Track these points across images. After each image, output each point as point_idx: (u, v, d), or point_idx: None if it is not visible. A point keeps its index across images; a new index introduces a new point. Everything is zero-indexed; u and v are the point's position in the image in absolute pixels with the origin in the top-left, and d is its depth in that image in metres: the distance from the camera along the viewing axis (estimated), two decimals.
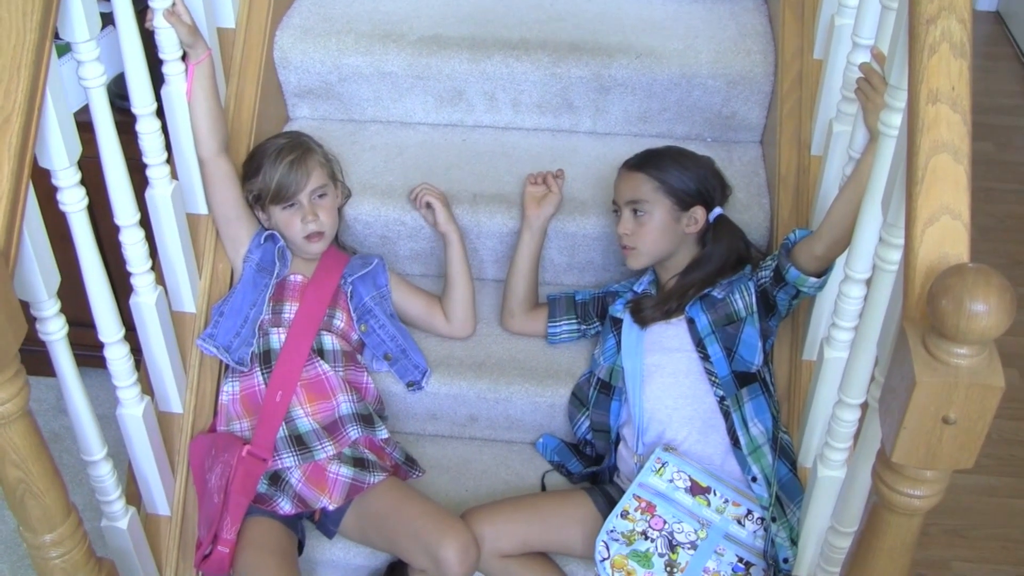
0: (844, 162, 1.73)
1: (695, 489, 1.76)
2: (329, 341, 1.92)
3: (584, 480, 2.00)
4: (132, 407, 1.74)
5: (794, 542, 1.74)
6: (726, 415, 1.79)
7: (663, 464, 1.77)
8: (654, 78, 2.11)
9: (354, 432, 1.85)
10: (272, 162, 1.90)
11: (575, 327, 2.03)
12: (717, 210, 1.92)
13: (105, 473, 1.66)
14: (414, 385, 1.98)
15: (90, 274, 1.58)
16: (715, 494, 1.75)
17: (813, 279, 1.73)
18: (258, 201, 1.93)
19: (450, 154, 2.19)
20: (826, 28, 1.93)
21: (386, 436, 1.90)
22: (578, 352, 2.04)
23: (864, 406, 1.55)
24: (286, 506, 1.80)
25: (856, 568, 1.33)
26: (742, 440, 1.78)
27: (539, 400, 1.99)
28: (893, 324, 1.30)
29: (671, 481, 1.76)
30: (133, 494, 1.90)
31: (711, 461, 1.79)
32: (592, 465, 1.99)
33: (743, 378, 1.82)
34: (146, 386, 1.92)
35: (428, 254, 2.14)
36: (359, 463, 1.85)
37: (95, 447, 1.63)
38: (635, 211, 1.89)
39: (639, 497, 1.76)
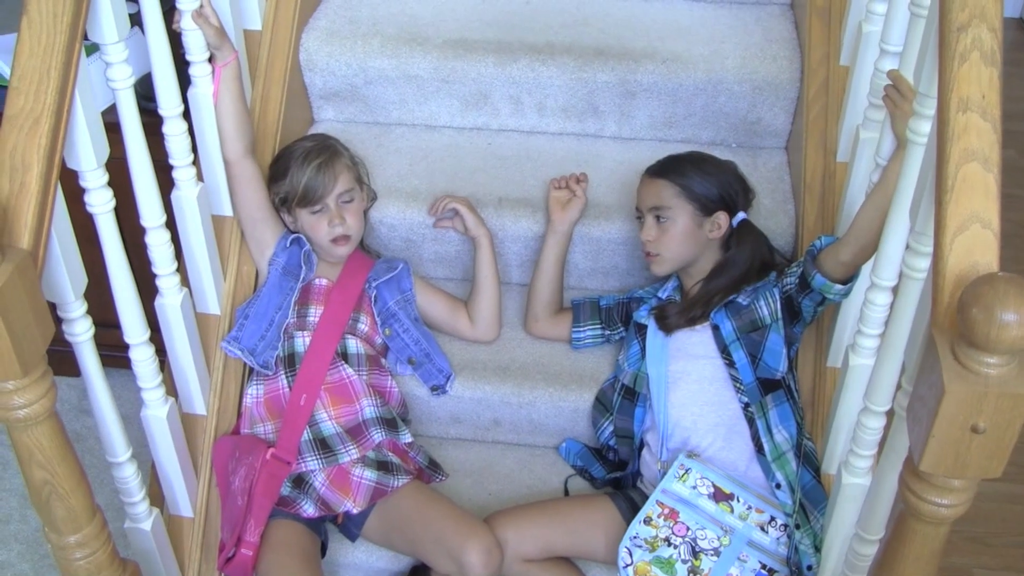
0: (871, 169, 1.72)
1: (718, 495, 1.75)
2: (353, 345, 1.92)
3: (607, 485, 1.99)
4: (157, 408, 1.75)
5: (817, 549, 1.73)
6: (750, 422, 1.79)
7: (686, 470, 1.76)
8: (680, 83, 2.11)
9: (378, 435, 1.85)
10: (299, 165, 1.90)
11: (599, 332, 2.03)
12: (740, 215, 1.91)
13: (130, 475, 1.67)
14: (438, 389, 1.98)
15: (116, 276, 1.58)
16: (738, 500, 1.75)
17: (839, 286, 1.72)
18: (284, 204, 1.93)
19: (475, 158, 2.19)
20: (853, 35, 1.92)
21: (410, 440, 1.90)
22: (602, 357, 2.03)
23: (890, 413, 1.55)
24: (309, 509, 1.80)
25: (883, 575, 1.32)
26: (766, 447, 1.77)
27: (563, 405, 1.98)
28: (920, 332, 1.30)
29: (694, 487, 1.75)
30: (156, 495, 1.91)
31: (735, 467, 1.78)
32: (615, 470, 1.99)
33: (768, 385, 1.81)
34: (170, 387, 1.93)
35: (453, 258, 2.14)
36: (383, 466, 1.85)
37: (120, 448, 1.64)
38: (658, 217, 1.89)
39: (662, 503, 1.75)
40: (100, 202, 1.50)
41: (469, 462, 2.06)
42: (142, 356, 1.68)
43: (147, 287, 1.76)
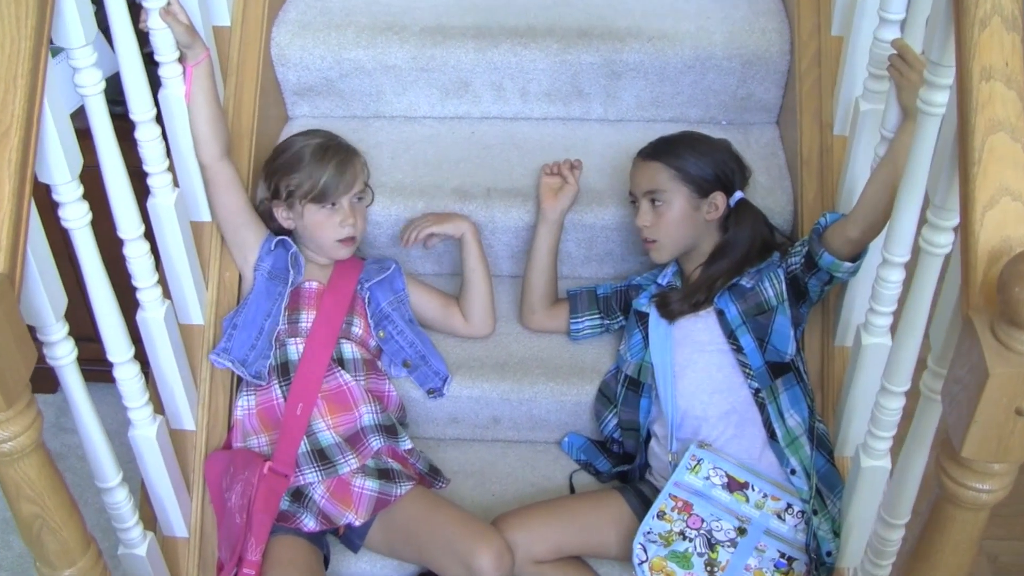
0: (874, 142, 1.67)
1: (732, 485, 1.70)
2: (349, 350, 1.84)
3: (613, 479, 1.94)
4: (145, 428, 1.67)
5: (836, 534, 1.69)
6: (761, 407, 1.73)
7: (698, 461, 1.71)
8: (667, 62, 2.04)
9: (376, 442, 1.78)
10: (318, 160, 1.83)
11: (598, 322, 1.97)
12: (738, 194, 1.86)
13: (121, 499, 1.59)
14: (435, 392, 1.91)
15: (97, 293, 1.50)
16: (753, 489, 1.70)
17: (847, 264, 1.67)
18: (288, 198, 1.85)
19: (459, 148, 2.11)
20: (845, 3, 1.86)
21: (409, 447, 1.84)
22: (602, 347, 1.97)
23: (909, 393, 1.50)
24: (310, 523, 1.73)
25: (919, 562, 1.27)
26: (778, 432, 1.72)
27: (564, 399, 1.93)
28: (944, 310, 1.25)
29: (707, 478, 1.70)
30: (147, 515, 1.83)
31: (748, 455, 1.73)
32: (620, 462, 1.93)
33: (777, 368, 1.76)
34: (156, 403, 1.85)
35: (441, 253, 2.07)
36: (384, 474, 1.79)
37: (110, 473, 1.56)
38: (653, 201, 1.83)
39: (675, 496, 1.70)
40: (76, 216, 1.41)
41: (470, 463, 1.99)
42: (127, 375, 1.60)
43: (128, 297, 1.67)
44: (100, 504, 2.19)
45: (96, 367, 1.64)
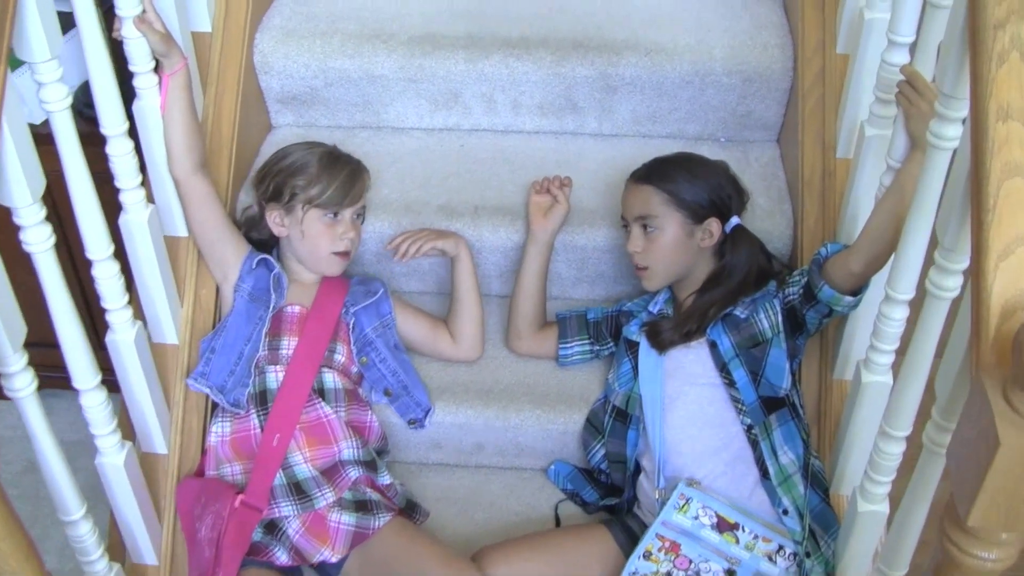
0: (879, 170, 1.60)
1: (722, 525, 1.63)
2: (331, 379, 1.77)
3: (600, 511, 1.87)
4: (112, 456, 1.60)
5: None
6: (754, 444, 1.66)
7: (687, 500, 1.64)
8: (664, 76, 1.97)
9: (354, 473, 1.71)
10: (328, 167, 1.77)
11: (588, 348, 1.90)
12: (734, 220, 1.78)
13: (85, 532, 1.52)
14: (416, 423, 1.84)
15: (61, 320, 1.42)
16: (744, 530, 1.62)
17: (848, 298, 1.60)
18: (290, 201, 1.76)
19: (447, 162, 2.04)
20: (851, 21, 1.79)
21: (388, 482, 1.76)
22: (591, 374, 1.90)
23: (910, 439, 1.44)
24: (282, 557, 1.66)
25: None
26: (771, 470, 1.65)
27: (551, 428, 1.85)
28: (951, 358, 1.18)
29: (696, 518, 1.63)
30: (116, 543, 1.76)
31: (739, 494, 1.66)
32: (608, 493, 1.86)
33: (771, 403, 1.69)
34: (126, 426, 1.78)
35: (427, 271, 2.00)
36: (361, 506, 1.71)
37: (73, 506, 1.49)
38: (645, 227, 1.76)
39: (662, 536, 1.63)
40: (38, 240, 1.34)
41: (452, 489, 1.92)
42: (94, 402, 1.52)
43: (97, 308, 1.60)
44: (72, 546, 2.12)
45: (55, 374, 1.56)
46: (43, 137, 1.36)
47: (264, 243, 1.85)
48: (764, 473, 1.65)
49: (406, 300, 1.95)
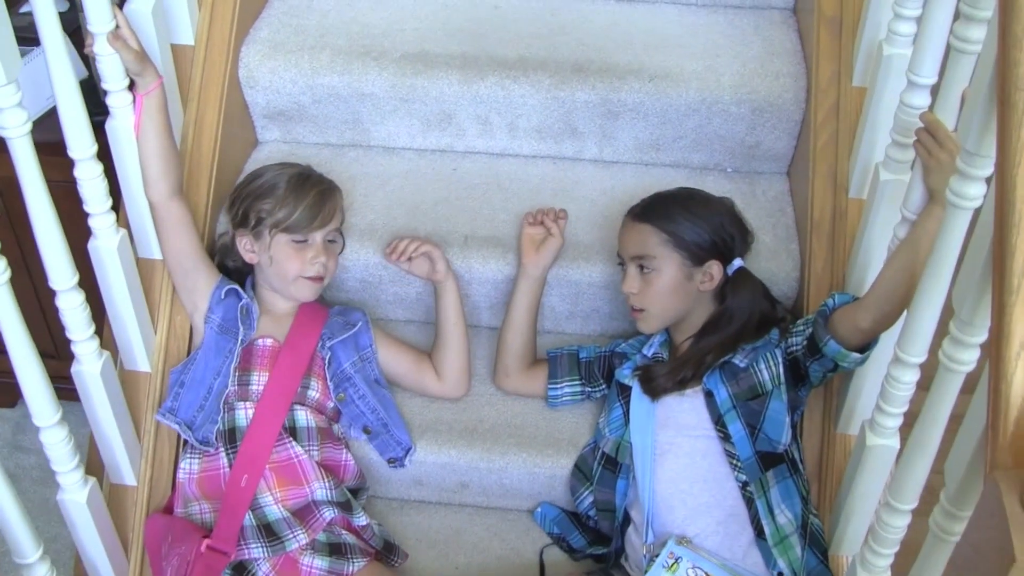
0: (893, 218, 1.50)
1: None
2: (303, 417, 1.68)
3: (587, 558, 1.78)
4: (75, 492, 1.52)
5: None
6: (749, 503, 1.57)
7: (677, 559, 1.55)
8: (669, 103, 1.87)
9: (329, 513, 1.62)
10: (295, 188, 1.67)
11: (578, 389, 1.80)
12: (737, 262, 1.68)
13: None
14: (395, 462, 1.75)
15: (19, 357, 1.34)
16: None
17: (855, 354, 1.51)
18: (257, 226, 1.67)
19: (438, 186, 1.94)
20: (869, 53, 1.69)
21: (364, 523, 1.67)
22: (582, 416, 1.81)
23: (916, 513, 1.35)
24: None
25: None
26: (767, 530, 1.56)
27: (537, 471, 1.77)
28: (960, 442, 1.09)
29: None
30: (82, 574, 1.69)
31: (731, 555, 1.57)
32: (596, 540, 1.78)
33: (768, 459, 1.59)
34: (94, 458, 1.70)
35: (414, 300, 1.90)
36: (335, 549, 1.63)
37: (28, 549, 1.41)
38: (642, 267, 1.66)
39: None
40: None
41: (433, 530, 1.84)
42: (55, 439, 1.44)
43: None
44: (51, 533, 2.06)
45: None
46: None
47: (240, 272, 1.76)
48: (759, 533, 1.56)
49: (388, 332, 1.86)
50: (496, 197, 1.92)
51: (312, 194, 1.67)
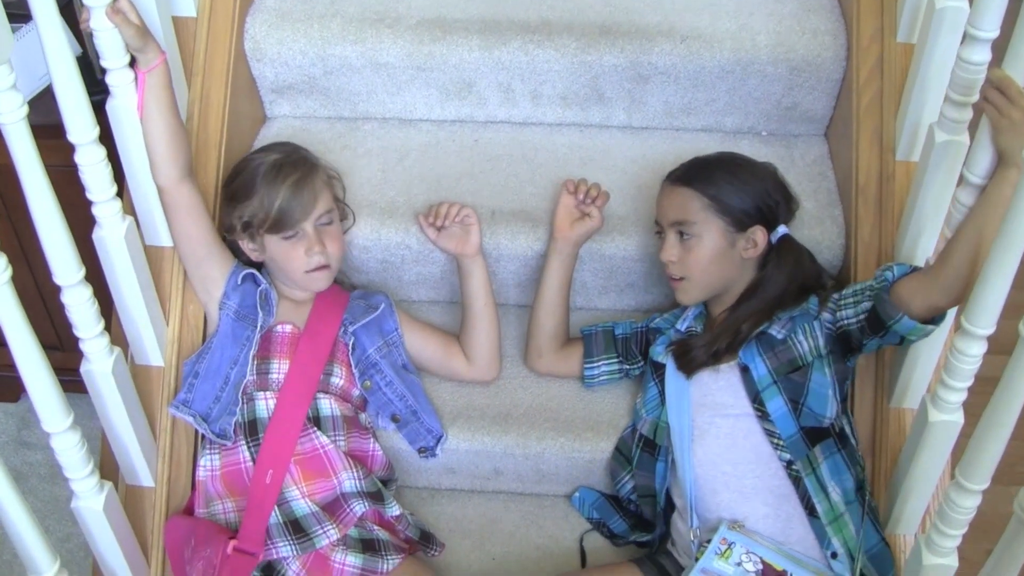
0: (953, 182, 1.41)
1: (768, 573, 1.46)
2: (327, 406, 1.59)
3: (629, 544, 1.71)
4: (90, 499, 1.44)
5: None
6: (796, 482, 1.49)
7: (730, 544, 1.47)
8: (702, 65, 1.76)
9: (359, 507, 1.54)
10: (270, 182, 1.57)
11: (616, 367, 1.71)
12: (782, 229, 1.59)
13: None
14: (426, 452, 1.67)
15: (25, 362, 1.24)
16: None
17: (930, 327, 1.41)
18: (247, 229, 1.59)
19: (460, 159, 1.84)
20: (915, 8, 1.59)
21: (397, 513, 1.59)
22: (621, 397, 1.72)
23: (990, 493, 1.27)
24: None
25: None
26: (819, 508, 1.48)
27: (576, 456, 1.68)
28: None
29: (739, 564, 1.46)
30: None
31: (785, 537, 1.49)
32: (638, 524, 1.70)
33: (814, 434, 1.50)
34: (107, 457, 1.62)
35: (438, 279, 1.81)
36: (369, 546, 1.55)
37: (44, 564, 1.32)
38: (681, 234, 1.57)
39: None
40: None
41: (467, 519, 1.76)
42: (67, 445, 1.35)
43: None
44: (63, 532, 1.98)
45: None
46: None
47: (253, 262, 1.67)
48: (811, 511, 1.48)
49: (414, 315, 1.77)
50: (522, 169, 1.82)
51: (286, 186, 1.56)
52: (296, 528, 1.52)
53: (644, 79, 1.80)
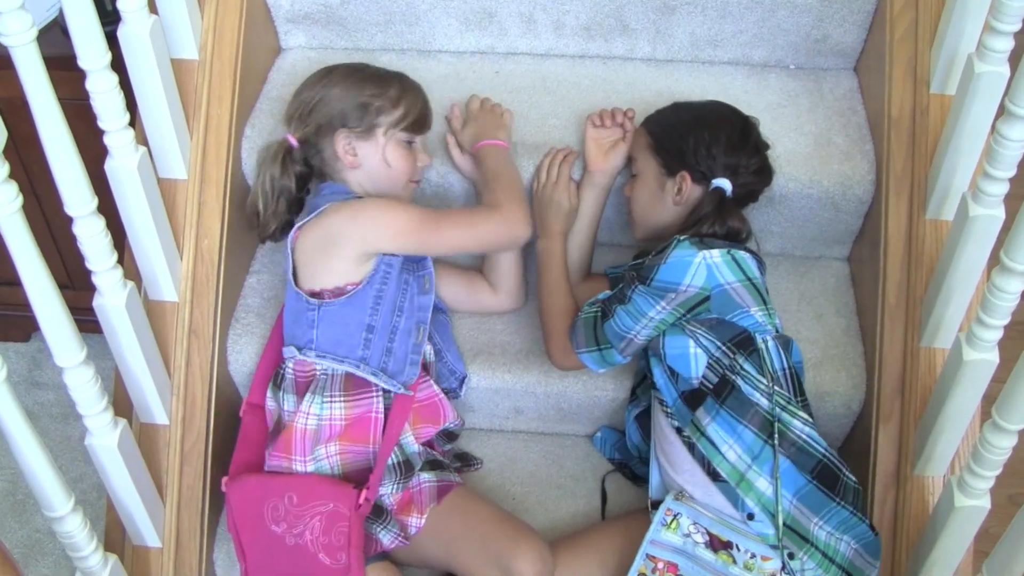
0: (989, 114, 1.36)
1: (715, 543, 1.40)
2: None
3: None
4: (104, 436, 1.41)
5: (833, 561, 1.40)
6: (691, 448, 1.44)
7: (675, 515, 1.42)
8: None
9: (442, 443, 1.65)
10: (408, 87, 1.59)
11: None
12: (718, 182, 1.49)
13: (75, 528, 1.33)
14: (450, 393, 1.64)
15: (35, 291, 1.22)
16: (738, 548, 1.39)
17: None
18: (370, 127, 1.54)
19: (481, 91, 1.75)
20: None
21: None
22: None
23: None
24: (386, 539, 1.50)
25: None
26: (721, 471, 1.42)
27: (598, 394, 1.66)
28: None
29: (687, 535, 1.41)
30: (115, 523, 1.59)
31: (714, 506, 1.43)
32: None
33: (692, 398, 1.45)
34: (121, 396, 1.59)
35: None
36: (436, 465, 1.59)
37: (59, 502, 1.30)
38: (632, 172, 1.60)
39: (654, 557, 1.42)
40: (1, 203, 1.12)
41: (487, 458, 1.74)
42: (81, 380, 1.32)
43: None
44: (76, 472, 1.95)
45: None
46: None
47: (291, 188, 1.59)
48: (715, 476, 1.42)
49: None
50: (544, 101, 1.77)
51: (423, 96, 1.60)
52: (408, 467, 1.53)
53: (670, 9, 1.75)
